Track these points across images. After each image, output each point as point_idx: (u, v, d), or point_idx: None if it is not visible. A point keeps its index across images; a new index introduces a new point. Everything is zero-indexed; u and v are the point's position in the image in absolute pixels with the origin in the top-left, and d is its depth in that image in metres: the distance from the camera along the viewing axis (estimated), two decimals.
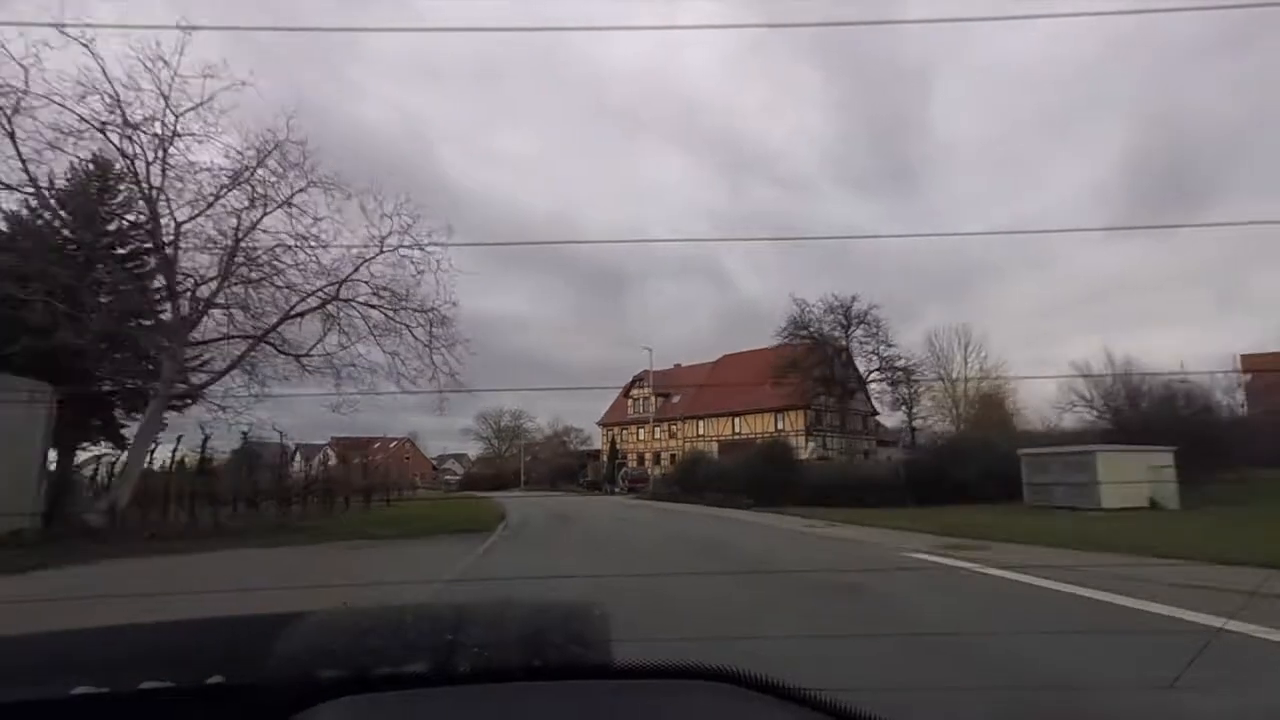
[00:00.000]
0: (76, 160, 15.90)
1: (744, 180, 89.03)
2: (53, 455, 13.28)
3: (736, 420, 49.03)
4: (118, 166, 14.86)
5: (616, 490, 41.79)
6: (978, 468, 20.22)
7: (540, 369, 71.67)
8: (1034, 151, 75.90)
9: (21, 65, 11.72)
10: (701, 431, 51.59)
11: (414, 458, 74.66)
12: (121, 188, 18.26)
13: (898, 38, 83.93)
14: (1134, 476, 15.27)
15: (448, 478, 72.47)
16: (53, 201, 17.19)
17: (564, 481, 52.41)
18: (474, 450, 76.96)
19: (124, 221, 18.33)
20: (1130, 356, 27.63)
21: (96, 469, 15.45)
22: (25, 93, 11.86)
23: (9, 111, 11.81)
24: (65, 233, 17.35)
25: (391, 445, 68.24)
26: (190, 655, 0.87)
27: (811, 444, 41.54)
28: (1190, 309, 62.93)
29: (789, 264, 79.72)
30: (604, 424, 60.24)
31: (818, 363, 36.22)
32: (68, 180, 17.22)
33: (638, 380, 54.65)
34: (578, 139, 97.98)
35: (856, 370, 43.36)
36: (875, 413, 47.85)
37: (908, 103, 77.00)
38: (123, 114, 12.71)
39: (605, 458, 52.97)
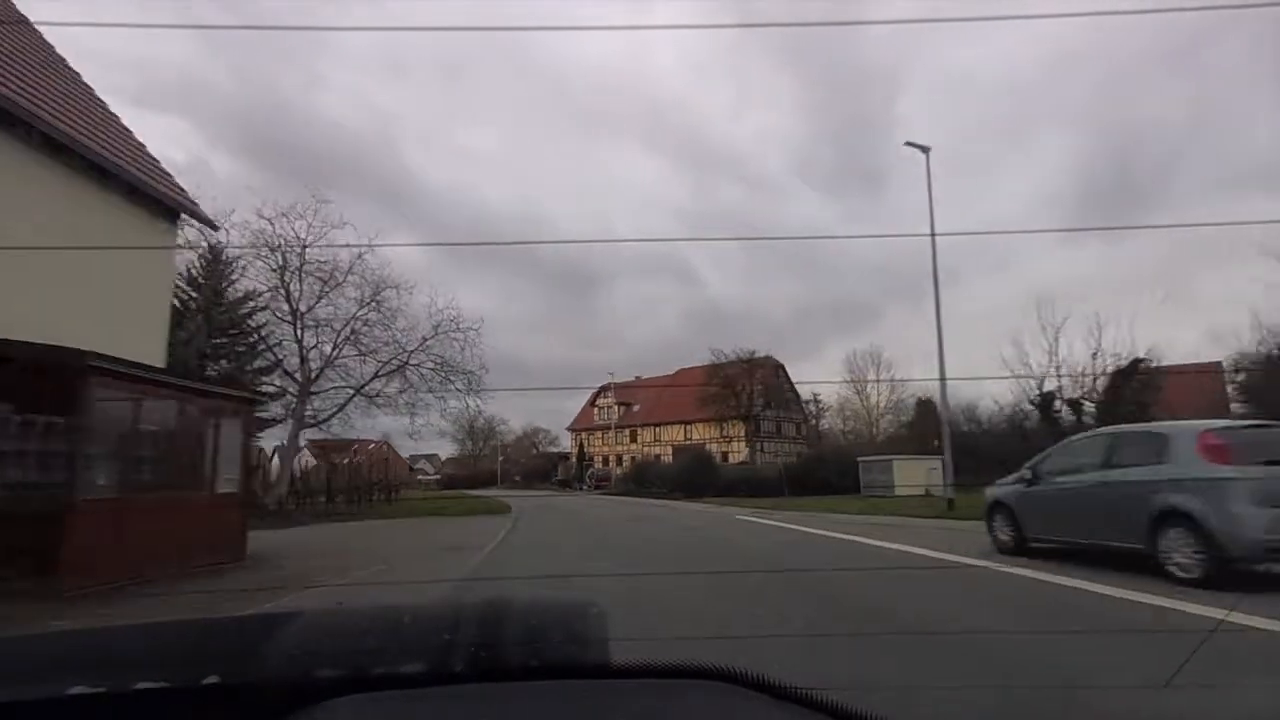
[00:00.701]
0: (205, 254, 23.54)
1: (711, 180, 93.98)
2: None
3: (688, 427, 57.61)
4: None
5: (584, 488, 49.90)
6: (836, 469, 29.05)
7: (506, 368, 73.07)
8: (992, 157, 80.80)
9: (222, 228, 19.57)
10: (658, 437, 60.01)
11: (391, 458, 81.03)
12: (232, 274, 25.87)
13: (863, 45, 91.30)
14: (917, 475, 24.10)
15: (420, 477, 75.21)
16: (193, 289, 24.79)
17: (537, 480, 60.15)
18: (444, 451, 79.73)
19: (235, 292, 25.98)
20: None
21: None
22: (226, 245, 19.71)
23: (214, 262, 19.57)
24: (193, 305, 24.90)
25: (370, 447, 74.78)
26: (186, 655, 0.88)
27: (746, 449, 50.43)
28: (1137, 312, 67.73)
29: (756, 264, 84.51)
30: (573, 429, 68.31)
31: (732, 395, 45.89)
32: (200, 268, 24.78)
33: (603, 390, 63.06)
34: (545, 137, 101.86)
35: (793, 386, 53.05)
36: (807, 420, 57.20)
37: (873, 108, 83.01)
38: (284, 256, 20.54)
39: (574, 459, 61.13)
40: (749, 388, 46.21)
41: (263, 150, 77.35)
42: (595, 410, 65.72)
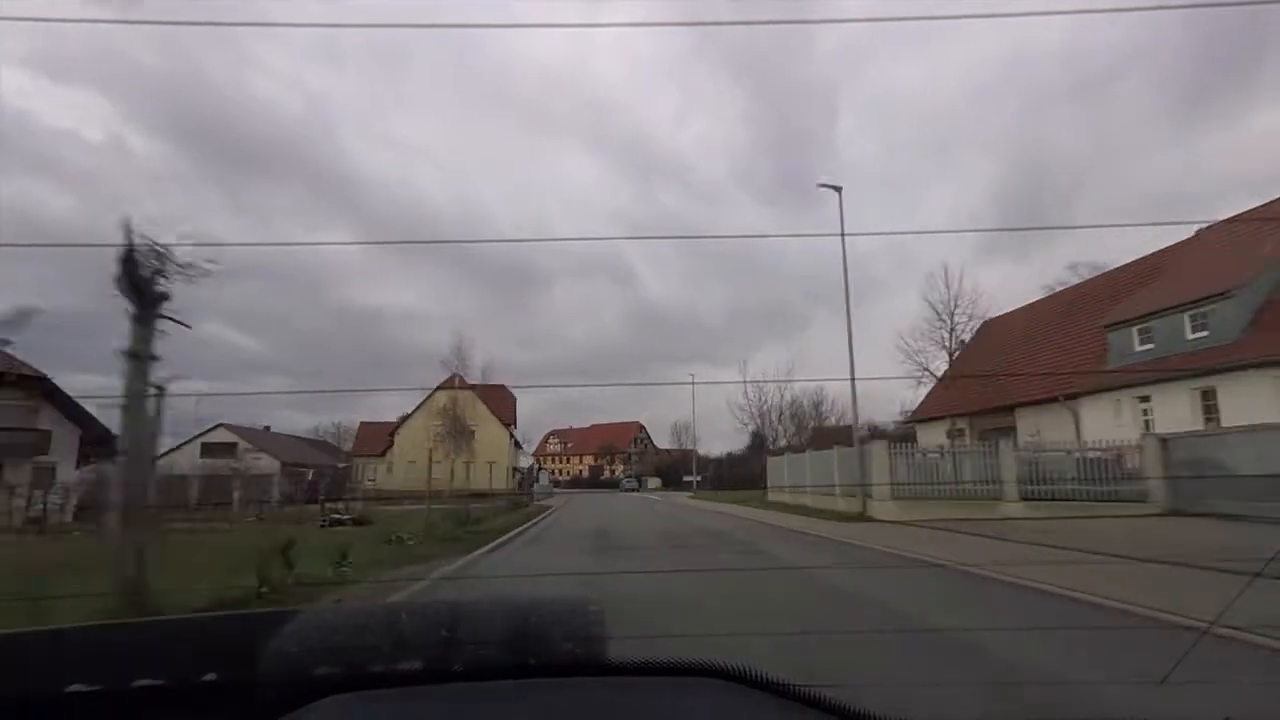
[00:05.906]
0: None
1: (652, 184, 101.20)
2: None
3: (598, 456, 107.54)
4: None
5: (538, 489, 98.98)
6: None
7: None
8: (916, 175, 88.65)
9: None
10: (583, 460, 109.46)
11: None
12: None
13: (807, 64, 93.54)
14: (654, 485, 74.91)
15: None
16: None
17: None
18: None
19: None
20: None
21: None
22: None
23: None
24: None
25: None
26: (184, 653, 0.88)
27: (624, 468, 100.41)
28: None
29: (693, 269, 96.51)
30: (534, 455, 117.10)
31: (610, 448, 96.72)
32: None
33: (551, 434, 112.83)
34: (487, 135, 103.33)
35: (649, 436, 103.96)
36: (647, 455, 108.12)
37: (811, 125, 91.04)
38: None
39: (534, 472, 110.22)
40: (619, 445, 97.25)
41: (185, 130, 74.19)
42: (548, 444, 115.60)
